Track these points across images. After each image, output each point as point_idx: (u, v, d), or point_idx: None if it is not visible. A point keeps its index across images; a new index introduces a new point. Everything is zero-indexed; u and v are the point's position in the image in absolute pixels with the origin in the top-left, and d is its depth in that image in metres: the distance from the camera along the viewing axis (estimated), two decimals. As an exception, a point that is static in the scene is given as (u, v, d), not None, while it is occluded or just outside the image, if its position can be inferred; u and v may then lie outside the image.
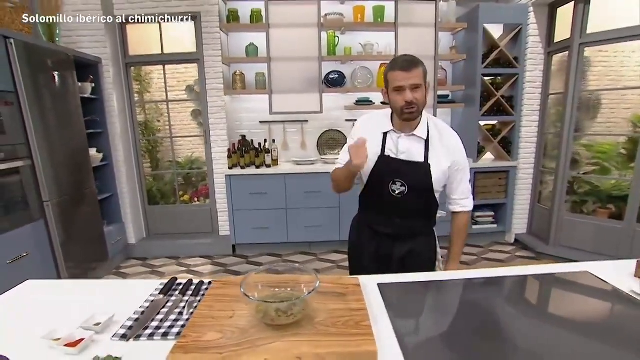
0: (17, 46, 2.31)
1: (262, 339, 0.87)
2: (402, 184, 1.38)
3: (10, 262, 2.23)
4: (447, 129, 1.44)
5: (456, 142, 1.42)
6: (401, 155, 1.39)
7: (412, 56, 1.31)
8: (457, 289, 1.21)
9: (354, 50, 3.56)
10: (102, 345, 0.93)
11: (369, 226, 1.55)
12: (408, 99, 1.27)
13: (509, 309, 1.10)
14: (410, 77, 1.26)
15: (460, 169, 1.42)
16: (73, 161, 2.80)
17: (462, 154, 1.42)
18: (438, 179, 1.39)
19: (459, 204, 1.49)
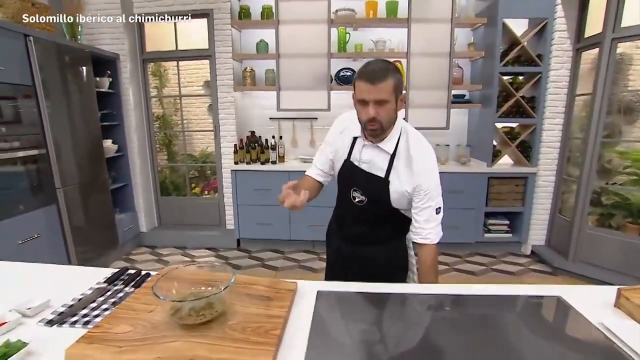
0: (36, 43, 2.49)
1: (166, 336, 0.86)
2: (361, 193, 1.32)
3: (22, 242, 2.42)
4: (418, 149, 1.24)
5: (424, 165, 1.23)
6: (362, 165, 1.30)
7: (384, 64, 1.15)
8: (407, 305, 1.12)
9: (365, 47, 3.47)
10: (25, 328, 0.97)
11: (335, 227, 1.53)
12: (369, 116, 1.14)
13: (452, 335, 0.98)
14: (375, 91, 1.10)
15: (424, 195, 1.23)
16: (86, 151, 2.98)
17: (429, 179, 1.23)
18: (397, 199, 1.27)
19: (420, 235, 1.27)
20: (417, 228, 1.28)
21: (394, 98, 1.14)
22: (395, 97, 1.15)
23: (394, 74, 1.12)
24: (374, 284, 1.18)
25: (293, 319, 0.99)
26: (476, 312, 1.07)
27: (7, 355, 0.82)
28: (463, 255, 3.42)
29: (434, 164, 1.26)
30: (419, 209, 1.26)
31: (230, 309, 0.97)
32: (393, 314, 1.09)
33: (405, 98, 1.24)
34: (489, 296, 1.11)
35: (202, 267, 1.10)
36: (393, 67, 1.14)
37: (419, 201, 1.25)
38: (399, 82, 1.14)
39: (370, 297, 1.12)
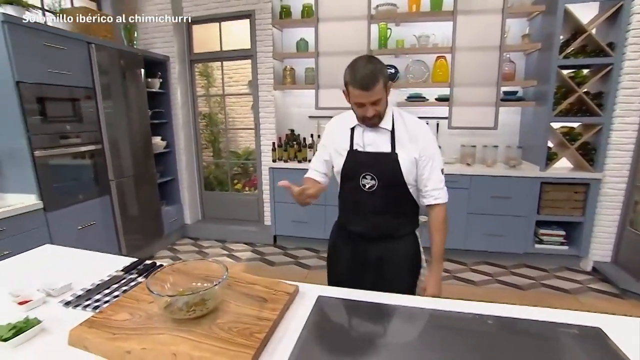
0: (97, 50, 2.75)
1: (156, 328, 0.89)
2: (371, 177, 1.33)
3: (80, 228, 2.69)
4: (412, 119, 1.36)
5: (422, 131, 1.34)
6: (368, 147, 1.35)
7: (371, 66, 1.20)
8: (409, 319, 1.02)
9: (407, 42, 3.32)
10: (47, 307, 1.06)
11: (345, 228, 1.49)
12: (369, 115, 1.25)
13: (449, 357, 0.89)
14: (370, 95, 1.20)
15: (429, 157, 1.33)
16: (137, 147, 3.22)
17: (429, 142, 1.33)
18: (407, 169, 1.32)
19: (432, 196, 1.36)
20: (427, 192, 1.36)
21: (385, 92, 1.24)
22: (386, 90, 1.24)
23: (381, 72, 1.20)
24: (377, 293, 1.11)
25: (285, 323, 0.97)
26: (488, 334, 0.95)
27: (22, 331, 0.90)
28: (508, 267, 3.13)
29: (429, 130, 1.37)
30: (427, 173, 1.34)
31: (223, 307, 0.98)
32: (391, 328, 1.01)
33: (390, 85, 1.29)
34: (512, 319, 0.98)
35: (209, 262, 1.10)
36: (379, 66, 1.21)
37: (425, 165, 1.33)
38: (386, 76, 1.22)
39: (372, 308, 1.05)
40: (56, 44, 2.47)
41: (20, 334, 0.89)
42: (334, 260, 1.53)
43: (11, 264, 1.39)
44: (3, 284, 1.20)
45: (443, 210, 1.38)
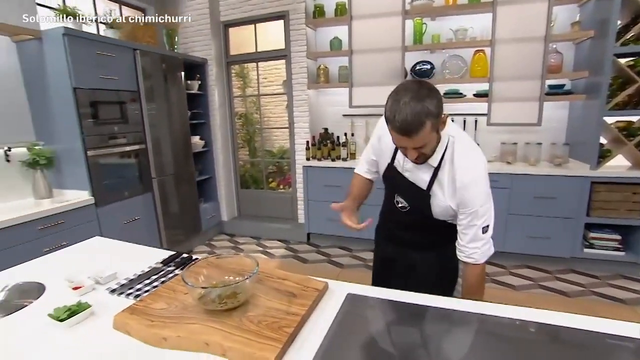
0: (141, 55, 2.93)
1: (190, 318, 0.93)
2: (404, 200, 1.28)
3: (126, 222, 2.88)
4: (464, 159, 1.12)
5: (469, 178, 1.10)
6: (405, 172, 1.24)
7: (417, 107, 0.96)
8: (441, 321, 0.99)
9: (443, 37, 3.21)
10: (96, 293, 1.15)
11: (382, 228, 1.48)
12: (412, 158, 1.11)
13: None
14: (413, 142, 1.01)
15: (469, 214, 1.12)
16: (177, 146, 3.39)
17: (474, 195, 1.10)
18: (440, 212, 1.20)
19: (464, 253, 1.18)
20: (461, 246, 1.19)
21: (434, 135, 1.04)
22: (436, 130, 1.04)
23: (429, 113, 0.97)
24: (409, 293, 1.09)
25: (314, 318, 0.98)
26: (529, 341, 0.90)
27: (75, 313, 0.99)
28: (553, 271, 2.94)
29: (481, 177, 1.12)
30: (463, 227, 1.16)
31: (254, 301, 1.01)
32: (422, 330, 0.99)
33: (446, 118, 1.10)
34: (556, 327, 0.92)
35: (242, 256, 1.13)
36: (427, 104, 0.96)
37: (463, 219, 1.15)
38: (436, 115, 0.99)
39: (402, 308, 1.04)
40: (106, 52, 2.66)
41: (73, 315, 0.98)
42: (374, 256, 1.55)
43: (67, 254, 1.52)
44: (60, 271, 1.31)
45: (478, 270, 1.17)
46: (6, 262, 1.43)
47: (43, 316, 1.00)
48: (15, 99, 2.57)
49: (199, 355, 0.84)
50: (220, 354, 0.84)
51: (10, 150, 2.49)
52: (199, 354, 0.84)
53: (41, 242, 2.23)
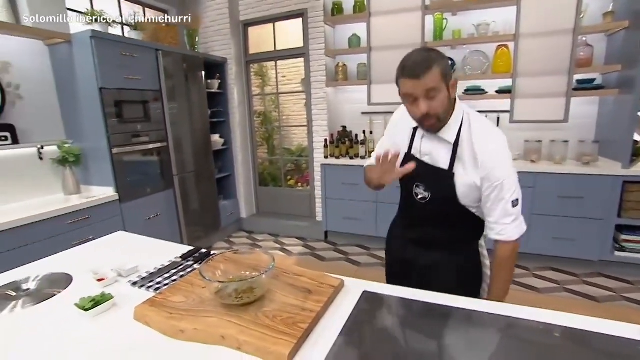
0: (164, 56, 3.00)
1: (208, 311, 0.95)
2: (424, 189, 1.20)
3: (148, 218, 2.96)
4: (483, 134, 1.10)
5: (492, 152, 1.08)
6: (424, 157, 1.20)
7: (426, 52, 1.03)
8: (461, 322, 0.96)
9: (464, 32, 3.14)
10: (118, 285, 1.19)
11: (399, 227, 1.43)
12: (422, 111, 1.05)
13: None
14: (422, 84, 1.01)
15: (495, 187, 1.09)
16: (197, 144, 3.46)
17: (498, 167, 1.08)
18: (465, 192, 1.14)
19: (494, 230, 1.14)
20: (491, 223, 1.15)
21: (444, 86, 1.03)
22: (446, 84, 1.04)
23: (439, 60, 1.02)
24: (426, 292, 1.07)
25: (329, 315, 0.97)
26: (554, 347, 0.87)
27: (99, 303, 1.03)
28: (580, 275, 2.82)
29: (504, 149, 1.10)
30: (491, 202, 1.12)
31: (269, 296, 1.01)
32: (439, 331, 0.97)
33: (456, 82, 1.09)
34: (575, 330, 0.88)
35: (259, 252, 1.14)
36: (436, 54, 1.03)
37: (489, 193, 1.11)
38: (445, 67, 1.03)
39: (419, 307, 1.02)
40: (131, 53, 2.74)
41: (97, 306, 1.02)
42: (388, 254, 1.49)
43: (93, 247, 1.58)
44: (86, 263, 1.37)
45: (511, 248, 1.14)
46: (38, 254, 1.51)
47: (70, 305, 1.05)
48: (48, 100, 2.70)
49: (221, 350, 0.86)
50: (235, 347, 0.85)
51: (42, 149, 2.61)
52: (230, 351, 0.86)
53: (70, 236, 2.33)
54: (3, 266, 1.90)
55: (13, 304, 1.11)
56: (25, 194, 2.56)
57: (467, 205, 1.17)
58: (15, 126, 2.44)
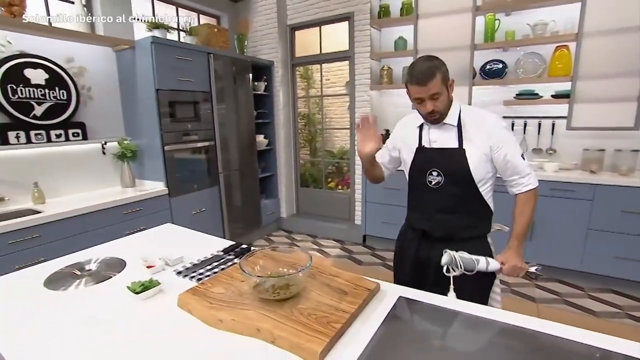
0: (214, 59, 3.16)
1: (245, 304, 0.98)
2: (438, 174, 1.33)
3: (194, 213, 3.12)
4: (480, 114, 1.34)
5: (492, 123, 1.30)
6: (434, 144, 1.36)
7: (428, 62, 1.24)
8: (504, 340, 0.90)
9: (518, 33, 2.97)
10: (165, 273, 1.27)
11: (411, 226, 1.48)
12: (428, 110, 1.27)
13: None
14: (427, 90, 1.23)
15: (503, 147, 1.28)
16: (242, 144, 3.59)
17: (500, 132, 1.29)
18: (476, 164, 1.29)
19: (522, 184, 1.32)
20: (515, 180, 1.33)
21: (444, 88, 1.25)
22: (446, 86, 1.25)
23: (439, 68, 1.22)
24: (466, 303, 1.03)
25: (363, 318, 0.97)
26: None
27: (147, 288, 1.11)
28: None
29: (499, 119, 1.32)
30: (508, 162, 1.29)
31: (305, 294, 1.03)
32: (477, 345, 0.92)
33: (453, 83, 1.29)
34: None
35: (297, 251, 1.17)
36: (437, 62, 1.24)
37: (503, 157, 1.29)
38: (445, 73, 1.24)
39: (456, 317, 0.98)
40: (185, 57, 2.92)
41: (146, 290, 1.10)
42: (400, 259, 1.53)
43: (144, 236, 1.70)
44: (138, 250, 1.47)
45: (534, 195, 1.32)
46: (97, 239, 1.66)
47: (123, 287, 1.13)
48: (112, 100, 2.95)
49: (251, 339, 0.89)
50: (270, 340, 0.87)
51: (106, 144, 2.86)
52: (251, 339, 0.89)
53: (124, 225, 2.52)
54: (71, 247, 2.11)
55: (78, 281, 1.23)
56: (90, 184, 2.82)
57: (479, 181, 1.30)
58: (86, 124, 2.70)
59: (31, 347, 0.90)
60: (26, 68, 2.38)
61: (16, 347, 0.90)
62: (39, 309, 1.08)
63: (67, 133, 2.59)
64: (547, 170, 2.81)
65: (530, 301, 2.55)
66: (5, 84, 2.28)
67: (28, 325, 0.99)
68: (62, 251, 1.55)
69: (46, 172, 2.54)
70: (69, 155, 2.68)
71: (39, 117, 2.44)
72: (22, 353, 0.88)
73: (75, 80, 2.64)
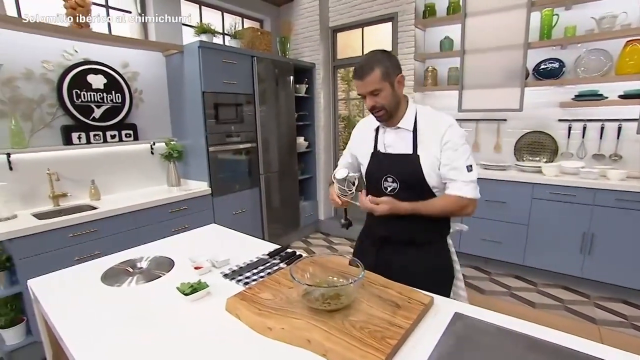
0: (258, 62, 3.21)
1: (294, 312, 0.96)
2: (392, 180, 1.29)
3: (235, 213, 3.18)
4: (437, 116, 1.27)
5: (445, 126, 1.22)
6: (388, 148, 1.32)
7: (370, 55, 1.21)
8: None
9: (580, 28, 2.74)
10: (212, 275, 1.28)
11: (370, 231, 1.43)
12: (369, 106, 1.25)
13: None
14: (364, 85, 1.20)
15: (449, 149, 1.21)
16: (283, 146, 3.62)
17: (453, 134, 1.21)
18: (429, 171, 1.24)
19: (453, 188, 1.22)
20: (450, 182, 1.23)
21: (386, 84, 1.19)
22: (390, 82, 1.20)
23: (379, 62, 1.18)
24: (532, 325, 0.94)
25: (417, 334, 0.91)
26: None
27: (196, 290, 1.12)
28: None
29: (455, 124, 1.24)
30: (449, 167, 1.22)
31: (355, 305, 0.99)
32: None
33: (402, 79, 1.23)
34: None
35: (346, 258, 1.14)
36: (379, 56, 1.19)
37: (447, 159, 1.21)
38: (388, 67, 1.19)
39: (523, 340, 0.89)
40: (230, 60, 2.98)
41: (195, 292, 1.10)
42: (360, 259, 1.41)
43: (190, 236, 1.74)
44: (185, 250, 1.51)
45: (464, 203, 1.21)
46: (146, 236, 1.72)
47: (172, 288, 1.15)
48: (161, 102, 3.09)
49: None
50: (321, 353, 0.84)
51: (154, 145, 2.99)
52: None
53: (170, 223, 2.61)
54: (123, 242, 2.21)
55: (130, 279, 1.27)
56: (139, 182, 2.95)
57: (432, 186, 1.25)
58: (137, 125, 2.84)
59: (88, 336, 0.95)
60: (89, 74, 2.55)
61: (76, 334, 0.96)
62: (96, 302, 1.13)
63: (120, 134, 2.73)
64: (611, 178, 2.56)
65: (589, 322, 2.33)
66: (72, 89, 2.46)
67: (87, 316, 1.05)
68: (116, 245, 1.63)
69: (101, 170, 2.70)
70: (121, 155, 2.83)
71: (97, 119, 2.60)
72: (80, 340, 0.93)
73: (129, 84, 2.78)
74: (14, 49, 2.23)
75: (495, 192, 2.92)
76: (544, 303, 2.57)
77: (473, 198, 1.22)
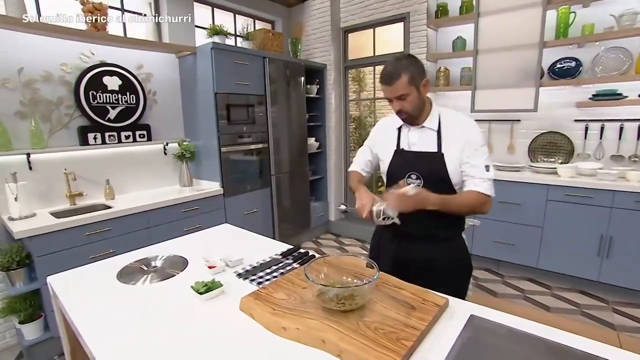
0: (269, 63, 3.22)
1: (309, 312, 0.95)
2: (417, 177, 1.33)
3: (246, 213, 3.20)
4: (459, 118, 1.33)
5: (468, 127, 1.30)
6: (413, 147, 1.36)
7: (397, 62, 1.25)
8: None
9: (598, 26, 2.68)
10: (225, 274, 1.29)
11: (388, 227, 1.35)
12: (395, 110, 1.30)
13: None
14: (393, 90, 1.25)
15: (470, 148, 1.27)
16: (294, 146, 3.62)
17: (474, 134, 1.28)
18: (454, 168, 1.29)
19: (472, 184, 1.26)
20: (469, 179, 1.28)
21: (413, 89, 1.24)
22: (415, 86, 1.24)
23: (406, 68, 1.22)
24: (548, 328, 0.92)
25: (432, 336, 0.90)
26: None
27: (210, 289, 1.12)
28: None
29: (476, 125, 1.31)
30: (468, 165, 1.27)
31: (369, 306, 0.98)
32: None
33: (427, 83, 1.28)
34: None
35: (360, 259, 1.14)
36: (406, 62, 1.23)
37: (467, 157, 1.27)
38: (414, 73, 1.23)
39: (540, 343, 0.88)
40: (242, 61, 3.00)
41: (209, 291, 1.11)
42: (377, 256, 1.46)
43: (204, 235, 1.76)
44: (198, 250, 1.52)
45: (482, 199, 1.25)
46: (159, 234, 1.74)
47: (186, 287, 1.16)
48: (174, 103, 3.12)
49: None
50: (335, 354, 0.83)
51: (167, 145, 3.03)
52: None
53: (183, 223, 2.64)
54: (137, 241, 2.24)
55: (144, 277, 1.29)
56: (152, 182, 2.99)
57: (455, 183, 1.30)
58: (150, 125, 2.88)
59: (105, 332, 0.97)
60: (105, 76, 2.60)
61: (93, 330, 0.98)
62: (112, 299, 1.15)
63: (134, 134, 2.77)
64: (631, 179, 2.49)
65: (608, 328, 2.28)
66: (88, 91, 2.51)
67: (104, 313, 1.07)
68: (129, 244, 1.65)
69: (116, 170, 2.74)
70: (135, 155, 2.87)
71: (112, 120, 2.65)
72: (97, 336, 0.95)
73: (143, 85, 2.82)
74: (34, 52, 2.29)
75: (509, 194, 2.87)
76: (559, 307, 2.52)
77: (490, 195, 1.27)
